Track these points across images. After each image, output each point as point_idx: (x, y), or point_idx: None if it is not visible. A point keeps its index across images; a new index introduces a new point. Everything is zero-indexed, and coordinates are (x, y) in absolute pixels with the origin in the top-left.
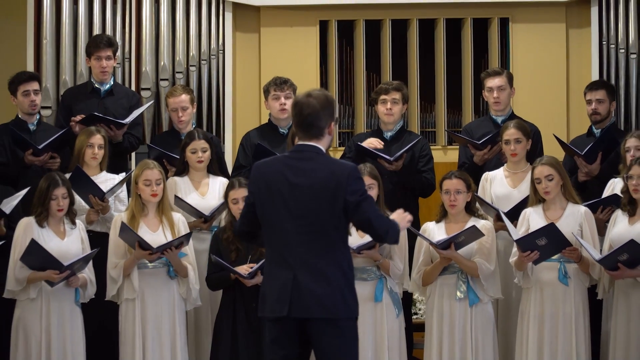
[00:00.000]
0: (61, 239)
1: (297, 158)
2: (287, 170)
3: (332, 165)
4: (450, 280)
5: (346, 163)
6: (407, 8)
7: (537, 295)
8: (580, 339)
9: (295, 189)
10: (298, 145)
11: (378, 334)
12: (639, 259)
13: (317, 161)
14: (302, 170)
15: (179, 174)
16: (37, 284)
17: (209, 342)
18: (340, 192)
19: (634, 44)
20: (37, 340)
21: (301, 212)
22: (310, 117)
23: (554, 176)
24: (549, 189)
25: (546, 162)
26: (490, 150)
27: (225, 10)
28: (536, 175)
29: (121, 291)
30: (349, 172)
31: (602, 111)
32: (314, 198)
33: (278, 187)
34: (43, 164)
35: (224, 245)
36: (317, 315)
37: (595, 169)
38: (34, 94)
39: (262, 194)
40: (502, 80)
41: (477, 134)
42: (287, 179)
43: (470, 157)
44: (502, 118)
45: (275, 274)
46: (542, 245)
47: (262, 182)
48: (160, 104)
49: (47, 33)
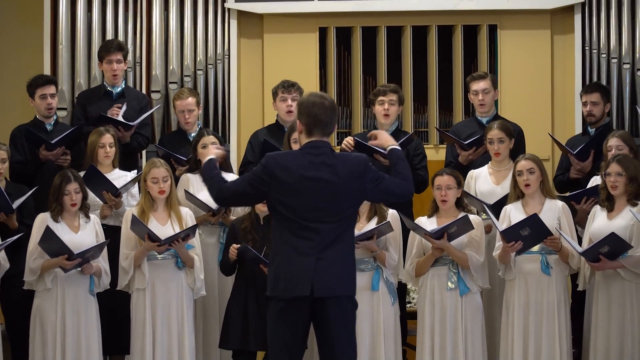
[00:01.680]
0: (75, 232)
1: (315, 154)
2: (309, 164)
3: (349, 159)
4: (442, 272)
5: (359, 155)
6: (402, 15)
7: (521, 286)
8: (562, 325)
9: (320, 182)
10: (314, 141)
11: (375, 321)
12: (619, 251)
13: (335, 156)
14: (324, 165)
15: (191, 171)
16: (51, 273)
17: (217, 329)
18: (361, 182)
19: (615, 50)
20: (53, 328)
21: (324, 204)
22: (328, 117)
23: (535, 170)
24: (529, 182)
25: (529, 157)
26: (475, 152)
27: (230, 17)
28: (518, 168)
29: (132, 281)
30: (365, 163)
31: (597, 113)
32: (337, 190)
33: (299, 180)
34: (56, 159)
35: (241, 235)
36: (339, 293)
37: (587, 166)
38: (50, 97)
39: (282, 184)
40: (487, 83)
41: (464, 135)
42: (309, 172)
43: (456, 157)
44: (487, 119)
45: (294, 258)
46: (525, 236)
47: (280, 172)
48: (169, 106)
49: (62, 39)
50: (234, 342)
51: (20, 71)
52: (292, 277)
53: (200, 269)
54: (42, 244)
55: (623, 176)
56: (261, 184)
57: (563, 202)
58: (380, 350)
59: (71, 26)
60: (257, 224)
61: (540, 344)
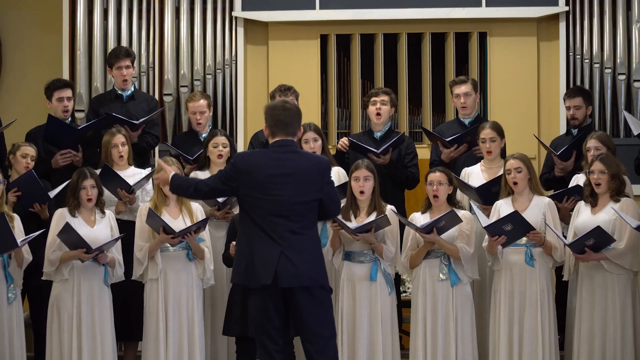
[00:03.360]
0: (91, 227)
1: (280, 151)
2: (274, 162)
3: (312, 159)
4: (434, 264)
5: (321, 157)
6: (397, 23)
7: (507, 276)
8: (544, 313)
9: (282, 178)
10: (279, 140)
11: (373, 309)
12: (603, 244)
13: (299, 154)
14: (287, 162)
15: (200, 169)
16: (68, 264)
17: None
18: (318, 180)
19: (598, 55)
20: (69, 316)
21: (287, 198)
22: (289, 118)
23: (522, 169)
24: (516, 180)
25: (517, 157)
26: (456, 150)
27: (237, 25)
28: (507, 167)
29: (146, 272)
30: (326, 164)
31: (579, 116)
32: (298, 185)
33: (266, 176)
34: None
35: None
36: (304, 283)
37: (569, 165)
38: (67, 100)
39: (249, 181)
40: (468, 87)
41: (447, 135)
42: (274, 169)
43: (439, 155)
44: (468, 120)
45: (260, 249)
46: (508, 230)
47: (249, 170)
48: (181, 108)
49: (80, 45)
50: (235, 329)
51: (41, 75)
52: (256, 267)
53: (210, 260)
54: (61, 235)
55: (606, 174)
56: (230, 180)
57: (549, 199)
58: (378, 336)
59: (88, 34)
60: None
61: (523, 330)
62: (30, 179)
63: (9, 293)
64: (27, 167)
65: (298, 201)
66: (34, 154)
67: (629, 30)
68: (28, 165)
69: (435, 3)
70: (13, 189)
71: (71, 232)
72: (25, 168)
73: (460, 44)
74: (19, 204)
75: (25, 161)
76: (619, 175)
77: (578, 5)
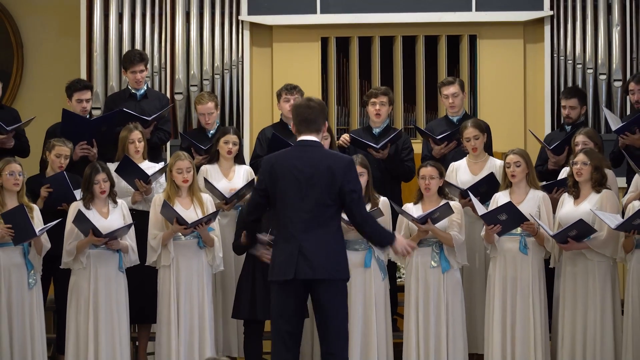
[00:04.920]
0: (105, 218)
1: (303, 150)
2: (296, 160)
3: (333, 157)
4: (426, 251)
5: (344, 155)
6: (393, 27)
7: (501, 262)
8: (536, 298)
9: (304, 175)
10: (303, 140)
11: (367, 294)
12: (585, 235)
13: (320, 152)
14: (308, 160)
15: (209, 162)
16: (85, 253)
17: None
18: (339, 178)
19: (580, 57)
20: (87, 301)
21: (307, 193)
22: (313, 115)
23: (521, 164)
24: (515, 173)
25: (517, 152)
26: (446, 146)
27: (243, 28)
28: (507, 161)
29: (159, 259)
30: (346, 163)
31: (574, 116)
32: (318, 182)
33: (288, 175)
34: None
35: None
36: (319, 276)
37: (562, 159)
38: (86, 102)
39: (275, 181)
40: (455, 87)
41: (437, 132)
42: (296, 167)
43: (430, 151)
44: (457, 118)
45: (283, 246)
46: (503, 220)
47: (273, 171)
48: (191, 106)
49: (97, 47)
50: (244, 312)
51: (60, 76)
52: (280, 262)
53: (219, 248)
54: (76, 223)
55: (588, 165)
56: (261, 185)
57: (544, 193)
58: (372, 319)
59: (104, 36)
60: None
61: (516, 314)
62: (61, 178)
63: (29, 279)
64: (60, 167)
65: (320, 198)
66: (67, 153)
67: (610, 33)
68: (62, 164)
69: (428, 8)
70: (46, 185)
71: (84, 219)
72: (59, 167)
73: (452, 46)
74: (49, 199)
75: (59, 161)
76: (601, 168)
77: (562, 9)
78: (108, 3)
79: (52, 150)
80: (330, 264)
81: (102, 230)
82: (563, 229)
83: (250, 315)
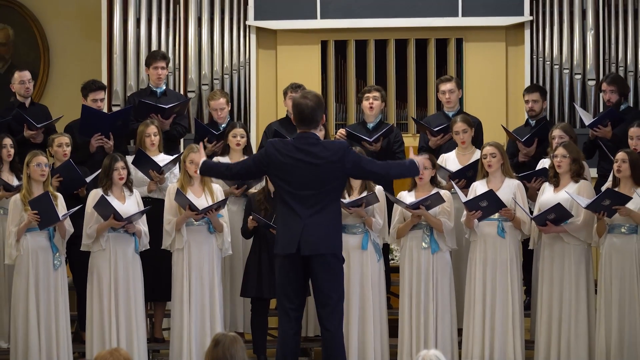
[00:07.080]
0: (122, 203)
1: (303, 143)
2: (298, 152)
3: (331, 146)
4: (418, 234)
5: (339, 141)
6: (386, 31)
7: (481, 245)
8: (514, 277)
9: (304, 162)
10: (302, 133)
11: (364, 274)
12: (562, 218)
13: (319, 144)
14: (310, 152)
15: (221, 154)
16: (104, 236)
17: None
18: (340, 164)
19: (557, 58)
20: (107, 280)
21: (309, 179)
22: (310, 111)
23: (497, 154)
24: (491, 164)
25: (492, 144)
26: (442, 138)
27: (250, 32)
28: (484, 153)
29: (173, 242)
30: (343, 148)
31: (537, 109)
32: (321, 171)
33: (293, 162)
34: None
35: (256, 205)
36: (317, 252)
37: (532, 151)
38: (100, 101)
39: (280, 164)
40: (452, 85)
41: (434, 124)
42: (299, 157)
43: (427, 142)
44: (452, 113)
45: (288, 222)
46: (484, 206)
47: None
48: (202, 103)
49: (116, 49)
50: (252, 291)
51: (83, 76)
52: (285, 237)
53: (227, 233)
54: (97, 207)
55: (567, 157)
56: (261, 164)
57: (518, 181)
58: (368, 297)
59: (123, 39)
60: (269, 197)
61: (496, 293)
62: (69, 166)
63: (54, 261)
64: (65, 155)
65: (320, 185)
66: (68, 141)
67: (584, 36)
68: (65, 152)
69: (419, 13)
70: (56, 175)
71: (106, 204)
72: (63, 156)
73: (440, 48)
74: (61, 186)
75: (62, 149)
76: (579, 160)
77: (541, 15)
78: (127, 8)
79: (53, 143)
80: (329, 242)
81: (120, 213)
82: (542, 212)
83: (257, 294)
